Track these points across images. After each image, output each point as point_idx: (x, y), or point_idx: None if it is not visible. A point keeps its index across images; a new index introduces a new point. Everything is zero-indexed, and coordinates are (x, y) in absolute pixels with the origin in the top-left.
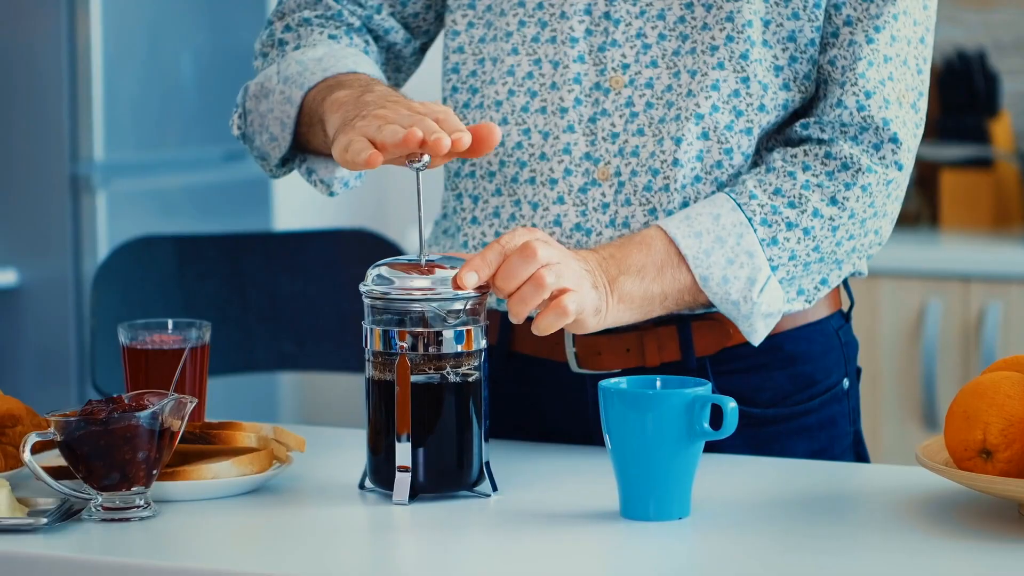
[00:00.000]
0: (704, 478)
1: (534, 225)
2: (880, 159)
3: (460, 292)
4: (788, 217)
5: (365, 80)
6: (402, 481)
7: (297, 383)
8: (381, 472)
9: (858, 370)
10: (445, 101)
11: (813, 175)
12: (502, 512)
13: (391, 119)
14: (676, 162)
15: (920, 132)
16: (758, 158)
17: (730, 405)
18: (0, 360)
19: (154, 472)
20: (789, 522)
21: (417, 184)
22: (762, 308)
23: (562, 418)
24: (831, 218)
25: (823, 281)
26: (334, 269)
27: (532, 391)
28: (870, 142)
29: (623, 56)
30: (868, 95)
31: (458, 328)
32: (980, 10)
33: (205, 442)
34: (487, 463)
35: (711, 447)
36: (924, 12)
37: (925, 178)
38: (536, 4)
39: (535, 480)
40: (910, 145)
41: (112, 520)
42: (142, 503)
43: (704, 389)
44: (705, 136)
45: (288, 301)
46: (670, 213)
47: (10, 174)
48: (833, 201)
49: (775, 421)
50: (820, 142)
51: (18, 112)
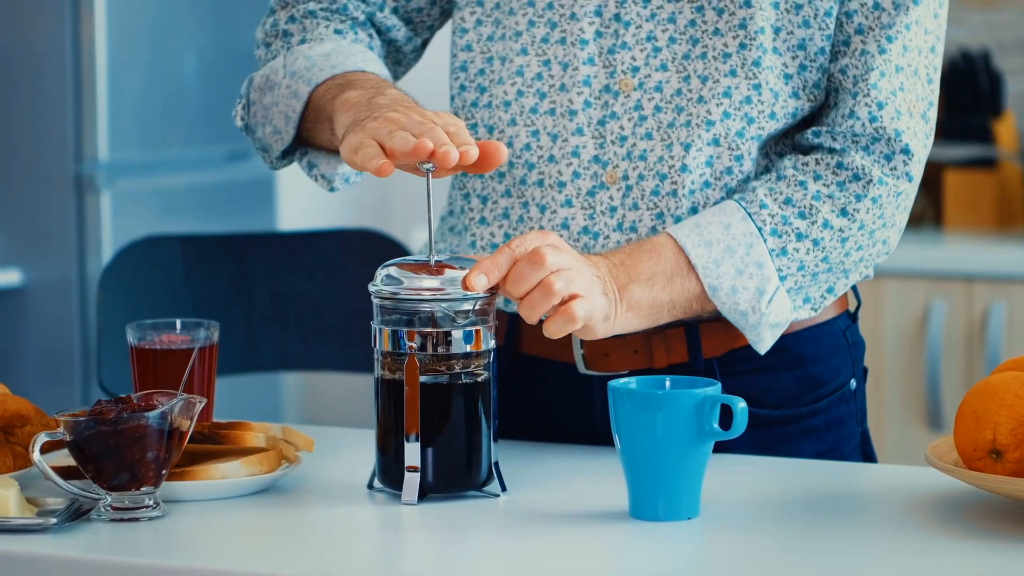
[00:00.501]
0: (712, 478)
1: (542, 227)
2: (891, 170)
3: (469, 293)
4: (798, 228)
5: (376, 81)
6: (411, 481)
7: (300, 383)
8: (390, 472)
9: (865, 370)
10: (453, 100)
11: (824, 185)
12: (511, 512)
13: (402, 124)
14: (684, 168)
15: (930, 143)
16: (767, 162)
17: (740, 405)
18: (4, 360)
19: (163, 472)
20: (798, 522)
21: (427, 185)
22: (770, 318)
23: (569, 419)
24: (841, 229)
25: (830, 290)
26: (340, 269)
27: (539, 392)
28: (881, 153)
29: (633, 59)
30: (880, 106)
31: (467, 328)
32: (984, 10)
33: (214, 442)
34: (496, 463)
35: (719, 448)
36: (935, 21)
37: (929, 178)
38: (546, 4)
39: (544, 480)
40: (921, 156)
41: (121, 520)
42: (151, 503)
43: (714, 389)
44: (716, 143)
45: (293, 301)
46: (678, 218)
47: (14, 174)
48: (844, 212)
49: (783, 422)
50: (832, 151)
51: (22, 112)
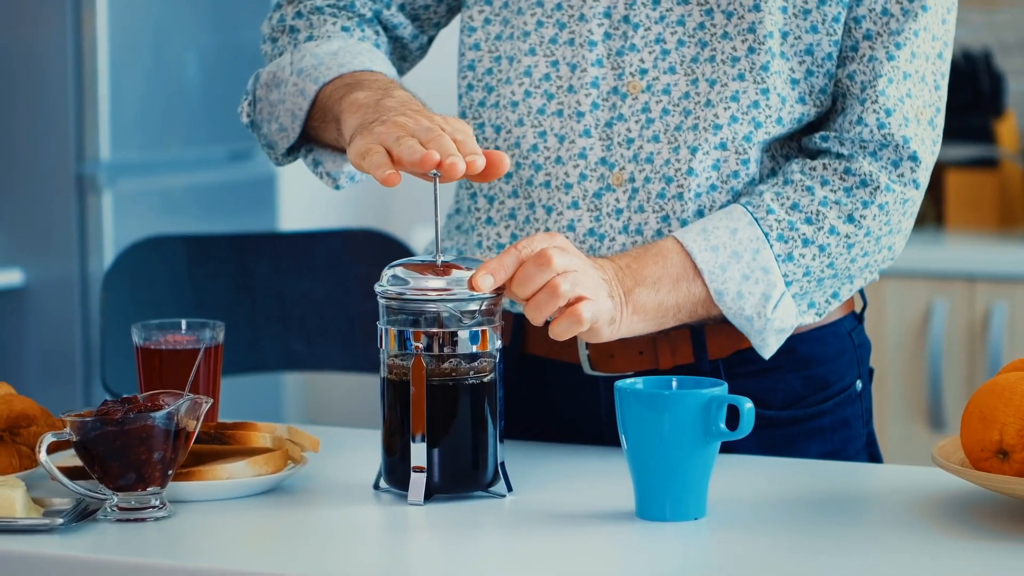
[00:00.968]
0: (719, 479)
1: (548, 229)
2: (899, 176)
3: (475, 293)
4: (805, 233)
5: (384, 82)
6: (417, 481)
7: (301, 383)
8: (396, 472)
9: (871, 371)
10: (460, 99)
11: (831, 191)
12: (517, 512)
13: (410, 129)
14: (691, 171)
15: (937, 149)
16: (774, 165)
17: (747, 406)
18: (6, 360)
19: (169, 472)
20: (805, 523)
21: (434, 191)
22: (775, 324)
23: (575, 419)
24: (847, 235)
25: (834, 295)
26: (343, 269)
27: (544, 392)
28: (889, 159)
29: (641, 61)
30: (888, 113)
31: (473, 328)
32: (985, 10)
33: (220, 442)
34: (502, 463)
35: (724, 448)
36: (943, 27)
37: (930, 178)
38: (555, 5)
39: (550, 480)
40: (928, 163)
41: (127, 520)
42: (157, 503)
43: (720, 390)
44: (723, 147)
45: (297, 301)
46: (684, 221)
47: (16, 174)
48: (850, 219)
49: (788, 423)
50: (839, 156)
51: (24, 112)
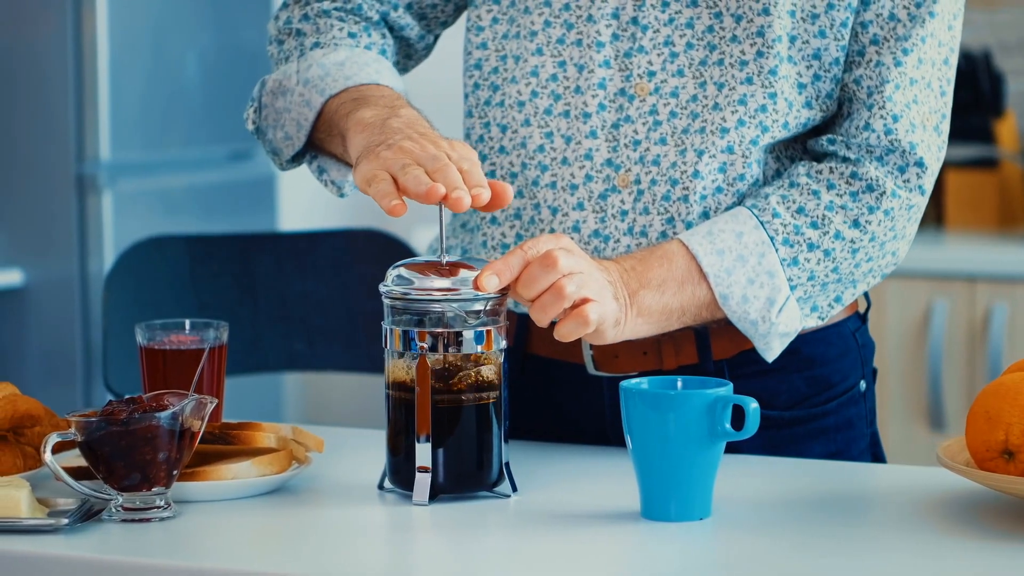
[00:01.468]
0: (723, 479)
1: (552, 230)
2: (904, 182)
3: (480, 293)
4: (810, 238)
5: (390, 98)
6: (422, 482)
7: (301, 383)
8: (401, 473)
9: (874, 371)
10: (467, 98)
11: (838, 195)
12: (522, 512)
13: (416, 156)
14: (696, 174)
15: (942, 156)
16: (779, 166)
17: (752, 406)
18: (6, 360)
19: (174, 472)
20: (810, 523)
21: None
22: (779, 328)
23: (579, 419)
24: (852, 240)
25: (837, 299)
26: (345, 269)
27: (548, 392)
28: (895, 164)
29: (650, 63)
30: (896, 119)
31: (478, 328)
32: (985, 10)
33: (224, 443)
34: (507, 463)
35: (728, 448)
36: (949, 33)
37: None
38: (562, 5)
39: (555, 481)
40: (934, 169)
41: (132, 521)
42: (162, 503)
43: (726, 390)
44: (730, 150)
45: (299, 301)
46: (688, 223)
47: (16, 174)
48: (856, 224)
49: (792, 423)
50: (846, 160)
51: (24, 112)
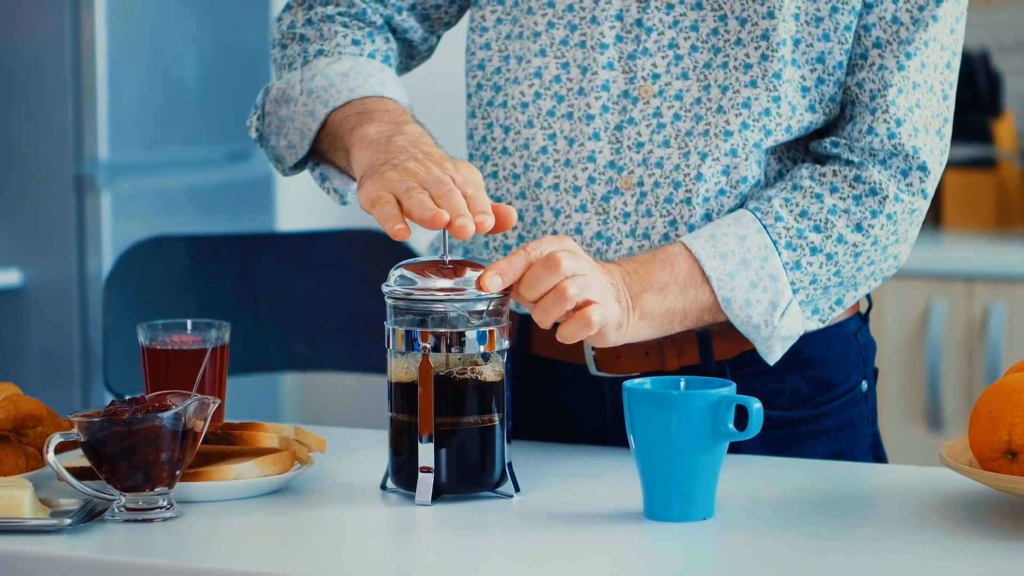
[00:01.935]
0: (726, 479)
1: (555, 231)
2: (907, 186)
3: (483, 293)
4: (813, 242)
5: (395, 112)
6: (424, 482)
7: (300, 383)
8: (403, 473)
9: (876, 372)
10: (470, 98)
11: (841, 199)
12: (525, 513)
13: (421, 179)
14: (700, 176)
15: (944, 160)
16: (781, 167)
17: (755, 406)
18: (5, 360)
19: (177, 473)
20: (813, 523)
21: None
22: (782, 332)
23: (581, 419)
24: (855, 244)
25: (838, 302)
26: (345, 269)
27: (551, 393)
28: (899, 168)
29: (654, 66)
30: (899, 123)
31: (481, 329)
32: (983, 10)
33: (227, 443)
34: (510, 464)
35: (730, 448)
36: (951, 36)
37: None
38: (566, 6)
39: (557, 481)
40: (936, 173)
41: (135, 521)
42: (165, 504)
43: (729, 390)
44: (733, 153)
45: (299, 301)
46: (691, 226)
47: (14, 174)
48: (859, 228)
49: (794, 424)
50: (849, 163)
51: (22, 112)
